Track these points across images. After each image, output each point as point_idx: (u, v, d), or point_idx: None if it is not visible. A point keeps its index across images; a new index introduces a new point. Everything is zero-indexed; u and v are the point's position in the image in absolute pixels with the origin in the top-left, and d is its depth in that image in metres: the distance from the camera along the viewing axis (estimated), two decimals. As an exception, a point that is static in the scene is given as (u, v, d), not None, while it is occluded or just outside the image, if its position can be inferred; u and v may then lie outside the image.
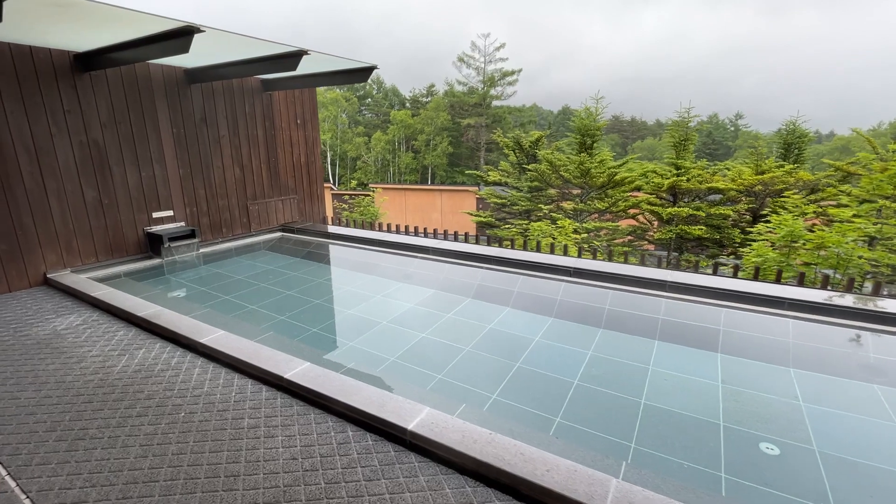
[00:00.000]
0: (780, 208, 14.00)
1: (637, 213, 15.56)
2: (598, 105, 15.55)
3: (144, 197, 5.78)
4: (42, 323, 3.94)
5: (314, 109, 8.05)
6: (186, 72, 6.03)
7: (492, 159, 54.84)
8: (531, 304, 4.78)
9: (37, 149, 4.78)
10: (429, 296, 5.17)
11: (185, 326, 3.57)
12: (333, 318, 4.64)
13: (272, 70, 5.30)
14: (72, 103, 5.01)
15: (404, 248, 6.27)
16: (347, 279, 5.82)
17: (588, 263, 5.04)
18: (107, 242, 5.48)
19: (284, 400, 2.70)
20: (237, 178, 6.90)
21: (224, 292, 5.21)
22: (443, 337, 4.17)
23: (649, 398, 3.22)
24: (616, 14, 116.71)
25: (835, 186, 14.46)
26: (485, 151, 55.98)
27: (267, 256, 6.75)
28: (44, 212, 4.90)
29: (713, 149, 65.39)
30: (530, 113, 65.80)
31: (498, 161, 57.59)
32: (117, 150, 5.44)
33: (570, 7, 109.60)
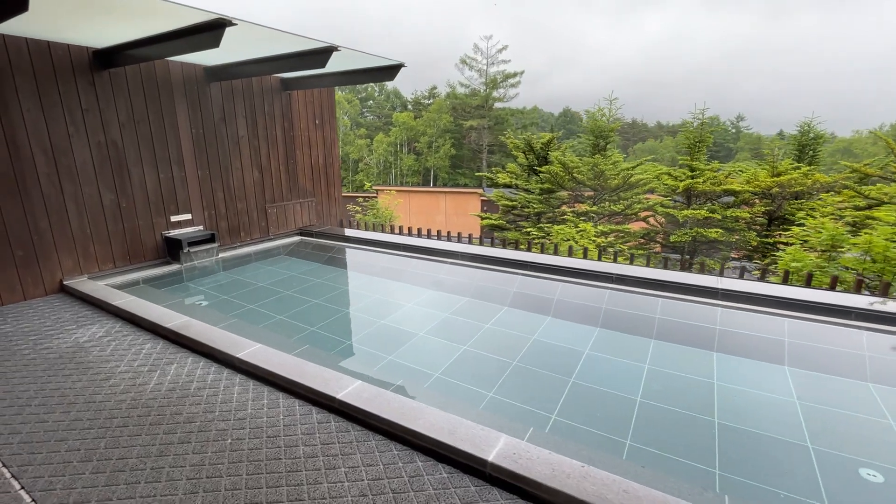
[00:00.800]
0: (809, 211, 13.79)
1: (648, 216, 15.35)
2: (611, 106, 15.35)
3: (163, 200, 5.55)
4: (63, 334, 3.70)
5: (332, 109, 7.83)
6: (206, 69, 5.80)
7: (494, 161, 54.69)
8: (574, 313, 4.54)
9: (54, 149, 4.55)
10: (462, 305, 4.93)
11: (219, 339, 3.33)
12: (366, 329, 4.40)
13: (299, 67, 5.08)
14: (90, 102, 4.78)
15: (429, 253, 6.04)
16: (374, 286, 5.58)
17: (632, 270, 4.80)
18: (124, 247, 5.24)
19: (339, 424, 2.46)
20: (256, 181, 6.67)
21: (248, 301, 4.97)
22: (485, 349, 3.93)
23: (723, 417, 2.98)
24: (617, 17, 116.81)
25: (852, 188, 14.24)
26: (487, 153, 55.85)
27: (287, 262, 6.51)
28: (60, 216, 4.67)
29: (714, 150, 65.26)
30: (532, 115, 65.69)
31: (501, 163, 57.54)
32: (136, 151, 5.21)
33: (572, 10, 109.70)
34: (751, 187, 14.53)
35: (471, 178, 55.04)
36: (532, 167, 17.06)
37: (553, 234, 9.80)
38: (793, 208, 14.38)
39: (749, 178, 14.73)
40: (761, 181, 14.17)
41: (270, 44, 4.67)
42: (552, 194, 15.95)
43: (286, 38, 4.34)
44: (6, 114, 4.21)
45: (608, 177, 14.24)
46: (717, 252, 15.07)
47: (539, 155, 17.00)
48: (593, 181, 14.45)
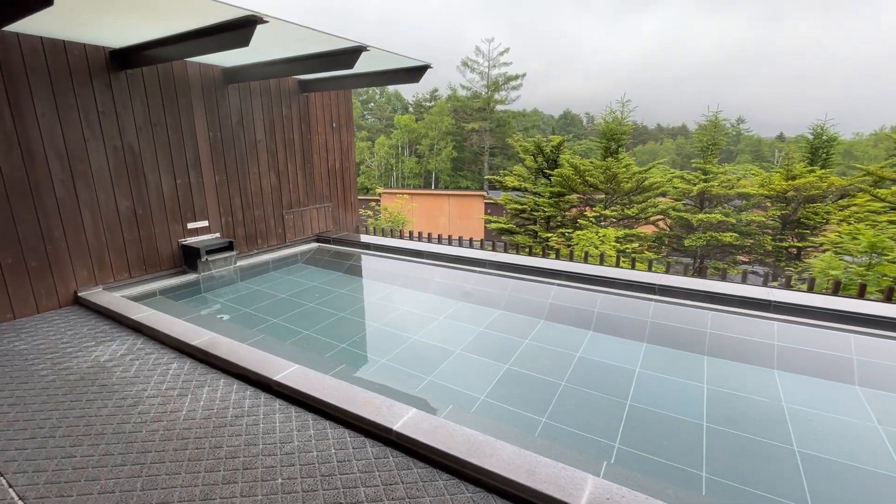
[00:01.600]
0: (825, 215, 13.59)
1: (659, 219, 15.15)
2: (623, 108, 15.17)
3: (179, 206, 5.32)
4: (81, 352, 3.46)
5: (349, 112, 7.61)
6: (224, 71, 5.59)
7: (496, 164, 54.54)
8: (617, 327, 4.32)
9: (69, 154, 4.33)
10: (496, 318, 4.70)
11: (251, 359, 3.09)
12: (399, 345, 4.16)
13: (324, 68, 4.85)
14: (106, 104, 4.55)
15: (453, 261, 5.81)
16: (400, 298, 5.34)
17: (676, 280, 4.58)
18: (140, 256, 5.01)
19: (399, 459, 2.23)
20: (273, 186, 6.44)
21: (271, 314, 4.74)
22: (529, 368, 3.71)
23: (803, 445, 2.76)
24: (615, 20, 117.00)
25: (868, 191, 14.06)
26: (489, 156, 55.75)
27: (307, 271, 6.28)
28: (75, 224, 4.44)
29: None
30: (534, 118, 65.58)
31: (502, 165, 57.40)
32: (152, 156, 4.98)
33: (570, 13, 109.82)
34: (765, 190, 14.34)
35: (472, 181, 54.89)
36: (541, 170, 16.85)
37: (575, 240, 9.57)
38: (808, 212, 14.20)
39: (763, 182, 14.55)
40: (776, 185, 13.98)
41: (296, 44, 4.46)
42: (562, 198, 15.75)
43: (315, 37, 4.12)
44: (20, 117, 3.98)
45: (621, 180, 14.03)
46: (727, 256, 14.87)
47: (549, 158, 16.79)
48: (606, 184, 14.25)
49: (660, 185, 14.36)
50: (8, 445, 2.37)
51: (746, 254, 15.25)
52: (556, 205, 15.61)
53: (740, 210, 14.94)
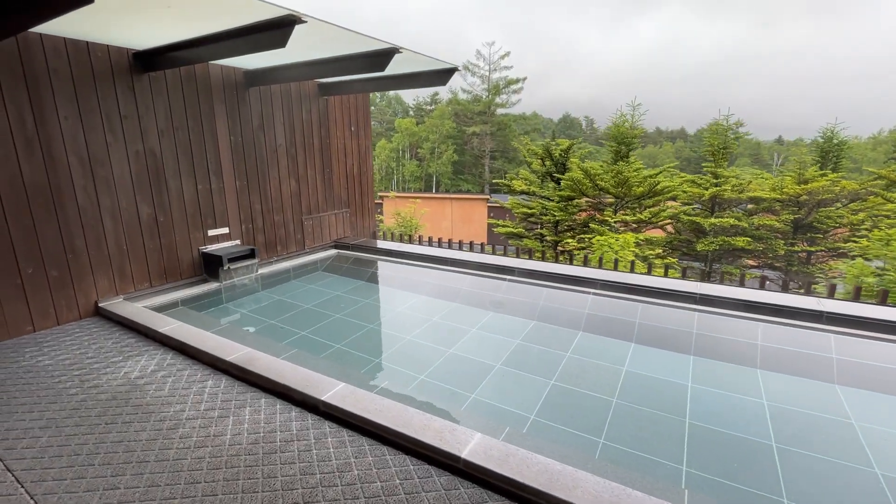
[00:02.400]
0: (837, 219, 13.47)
1: (667, 223, 15.02)
2: (634, 112, 15.06)
3: (200, 213, 5.15)
4: (109, 368, 3.29)
5: (367, 116, 7.47)
6: (246, 73, 5.44)
7: (497, 167, 54.52)
8: (661, 338, 4.16)
9: (91, 160, 4.17)
10: (532, 330, 4.54)
11: (294, 377, 2.93)
12: (435, 360, 3.99)
13: (354, 70, 4.70)
14: (129, 108, 4.40)
15: (479, 269, 5.65)
16: (428, 308, 5.17)
17: (716, 289, 4.42)
18: (160, 265, 4.84)
19: (471, 491, 2.06)
20: (293, 191, 6.28)
21: (299, 325, 4.57)
22: (576, 384, 3.55)
23: (886, 468, 2.60)
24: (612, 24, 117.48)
25: (881, 195, 13.97)
26: (489, 159, 55.74)
27: (328, 279, 6.11)
28: (97, 232, 4.27)
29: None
30: (535, 121, 65.62)
31: (503, 169, 57.31)
32: (174, 161, 4.83)
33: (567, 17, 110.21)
34: (776, 194, 14.24)
35: (473, 184, 54.83)
36: (550, 174, 16.73)
37: (595, 246, 9.41)
38: (821, 216, 14.09)
39: (775, 186, 14.44)
40: (789, 189, 13.87)
41: (327, 45, 4.31)
42: (570, 202, 15.63)
43: (348, 38, 3.97)
44: (43, 121, 3.82)
45: (632, 184, 13.91)
46: (736, 260, 14.76)
47: (557, 162, 16.67)
48: (617, 189, 14.12)
49: (671, 189, 14.24)
50: (45, 475, 2.20)
51: (755, 258, 15.13)
52: (564, 209, 15.49)
53: (750, 214, 14.83)
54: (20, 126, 3.70)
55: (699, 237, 14.35)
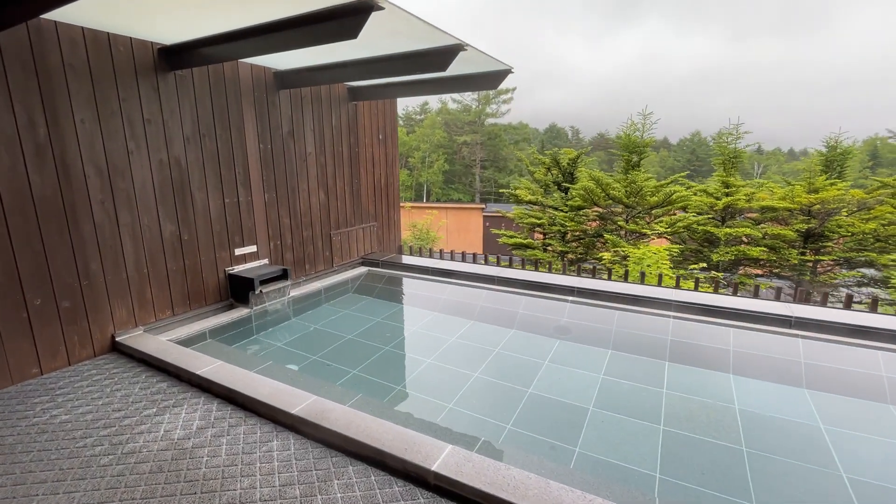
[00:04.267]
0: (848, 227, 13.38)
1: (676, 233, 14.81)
2: (645, 120, 14.88)
3: (227, 230, 4.57)
4: (144, 424, 2.69)
5: (395, 123, 6.98)
6: (276, 75, 4.90)
7: (487, 176, 54.52)
8: (767, 370, 3.71)
9: (110, 170, 3.57)
10: (612, 362, 4.06)
11: (386, 437, 2.38)
12: (516, 399, 3.48)
13: (406, 71, 4.20)
14: (153, 111, 3.82)
15: (532, 288, 5.16)
16: (489, 337, 4.64)
17: (812, 311, 4.01)
18: (184, 290, 4.23)
19: None
20: (322, 204, 5.73)
21: (347, 362, 4.01)
22: (680, 427, 3.08)
23: None
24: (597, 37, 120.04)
25: (890, 203, 13.99)
26: (480, 168, 55.76)
27: (362, 302, 5.54)
28: (115, 254, 3.66)
29: (697, 165, 66.74)
30: (525, 131, 65.98)
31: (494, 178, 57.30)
32: (200, 171, 4.25)
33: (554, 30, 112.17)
34: (787, 203, 14.16)
35: (464, 193, 54.63)
36: (558, 183, 16.43)
37: (633, 259, 9.01)
38: (833, 225, 14.04)
39: (786, 195, 14.37)
40: (800, 198, 13.79)
41: (385, 41, 3.81)
42: (579, 211, 15.35)
43: (415, 32, 3.48)
44: (56, 125, 3.23)
45: (646, 194, 13.66)
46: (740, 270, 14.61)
47: (565, 171, 16.40)
48: (630, 198, 13.86)
49: (684, 199, 14.04)
50: None
51: (761, 267, 14.99)
52: (573, 219, 15.18)
53: (757, 223, 14.72)
54: (30, 131, 3.10)
55: (712, 247, 14.16)
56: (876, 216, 14.12)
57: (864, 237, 14.08)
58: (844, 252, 14.28)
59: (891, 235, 14.05)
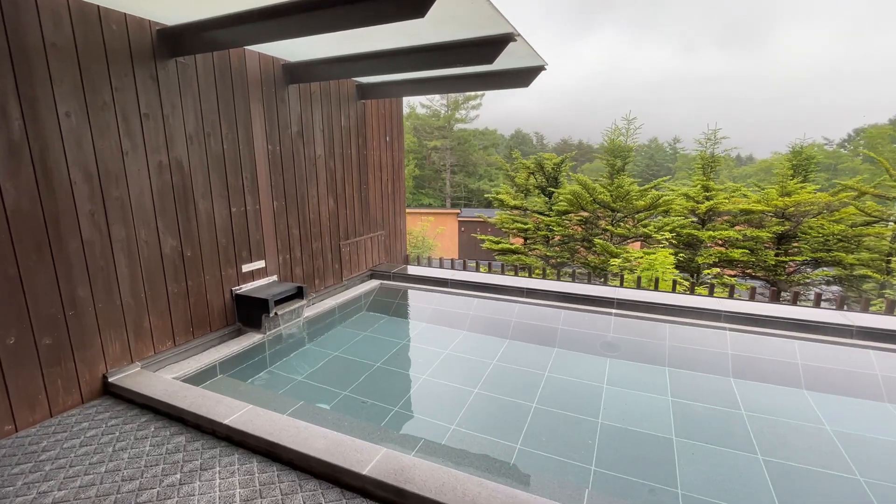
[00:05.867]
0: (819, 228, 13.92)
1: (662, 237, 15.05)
2: (629, 126, 15.02)
3: (234, 243, 3.96)
4: (171, 498, 2.10)
5: (401, 124, 6.50)
6: (285, 67, 4.34)
7: (457, 181, 54.56)
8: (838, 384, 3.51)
9: (101, 175, 2.93)
10: (675, 380, 3.75)
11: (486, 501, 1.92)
12: (585, 429, 3.10)
13: (444, 63, 3.75)
14: (151, 104, 3.21)
15: (571, 301, 4.82)
16: (519, 356, 4.25)
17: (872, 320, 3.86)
18: (187, 315, 3.60)
19: None
20: (331, 212, 5.17)
21: (382, 397, 3.51)
22: (778, 456, 2.79)
23: None
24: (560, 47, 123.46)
25: (856, 206, 14.69)
26: (450, 174, 55.81)
27: (381, 322, 5.01)
28: (107, 276, 3.01)
29: (655, 170, 69.59)
30: (493, 136, 66.57)
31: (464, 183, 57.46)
32: (204, 176, 3.64)
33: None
34: (763, 206, 14.64)
35: (434, 198, 54.36)
36: (542, 188, 16.35)
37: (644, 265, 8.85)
38: (805, 227, 14.62)
39: (761, 199, 14.86)
40: (776, 201, 14.28)
41: (429, 28, 3.36)
42: (565, 216, 15.34)
43: (478, 15, 3.05)
44: (34, 119, 2.59)
45: (632, 198, 13.75)
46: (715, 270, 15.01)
47: (550, 176, 16.33)
48: (617, 202, 13.91)
49: (669, 203, 14.24)
50: None
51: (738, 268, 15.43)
52: (560, 223, 15.13)
53: (732, 225, 15.16)
54: (2, 126, 2.45)
55: (694, 250, 14.42)
56: (842, 217, 14.78)
57: (829, 238, 14.71)
58: (814, 253, 14.87)
59: (855, 236, 14.71)
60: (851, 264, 14.50)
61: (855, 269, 14.16)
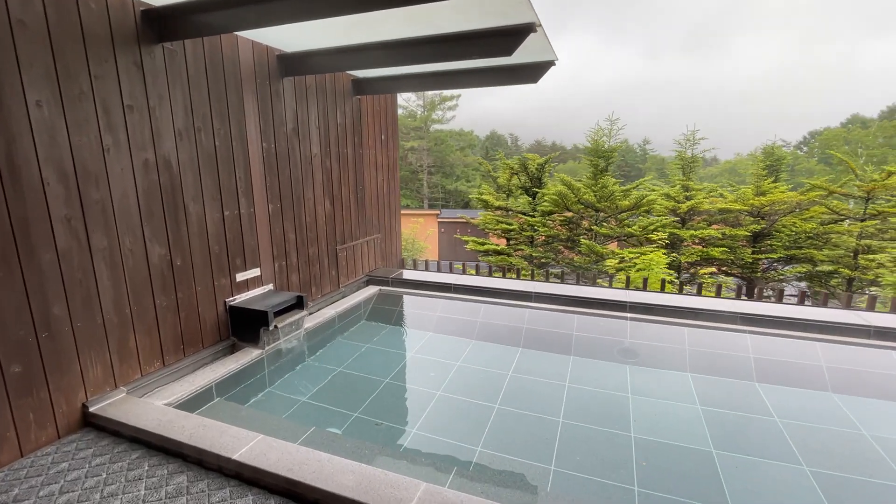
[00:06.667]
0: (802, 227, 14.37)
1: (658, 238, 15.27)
2: (612, 126, 15.13)
3: (227, 250, 3.60)
4: (178, 557, 1.77)
5: (395, 122, 6.21)
6: (280, 58, 4.00)
7: (434, 182, 54.43)
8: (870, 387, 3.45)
9: (79, 175, 2.55)
10: (696, 385, 3.62)
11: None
12: (630, 450, 2.92)
13: (463, 55, 3.50)
14: (136, 94, 2.83)
15: (576, 304, 4.65)
16: (533, 366, 4.06)
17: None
18: (177, 331, 3.22)
19: None
20: (327, 215, 4.84)
21: (401, 419, 3.25)
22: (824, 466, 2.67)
23: None
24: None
25: (825, 205, 15.23)
26: (427, 174, 55.62)
27: (384, 332, 4.72)
28: (87, 291, 2.63)
29: (627, 171, 71.34)
30: (469, 137, 66.70)
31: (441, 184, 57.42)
32: (195, 176, 3.27)
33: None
34: (740, 205, 15.03)
35: (412, 199, 53.99)
36: (526, 188, 16.30)
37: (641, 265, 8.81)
38: (779, 225, 15.10)
39: (737, 198, 15.25)
40: (752, 200, 14.68)
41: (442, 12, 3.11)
42: (549, 216, 15.35)
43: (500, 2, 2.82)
44: (0, 110, 2.20)
45: (616, 198, 13.85)
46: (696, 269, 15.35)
47: (533, 176, 16.30)
48: (602, 203, 13.98)
49: (651, 203, 14.41)
50: None
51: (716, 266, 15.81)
52: (545, 223, 15.12)
53: (709, 224, 15.52)
54: (-40, 114, 2.06)
55: (676, 249, 14.65)
56: (811, 216, 15.32)
57: (801, 236, 15.22)
58: (786, 250, 15.35)
59: (825, 233, 15.24)
60: (822, 261, 15.02)
61: (821, 265, 14.67)
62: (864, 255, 14.14)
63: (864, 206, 14.99)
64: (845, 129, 55.48)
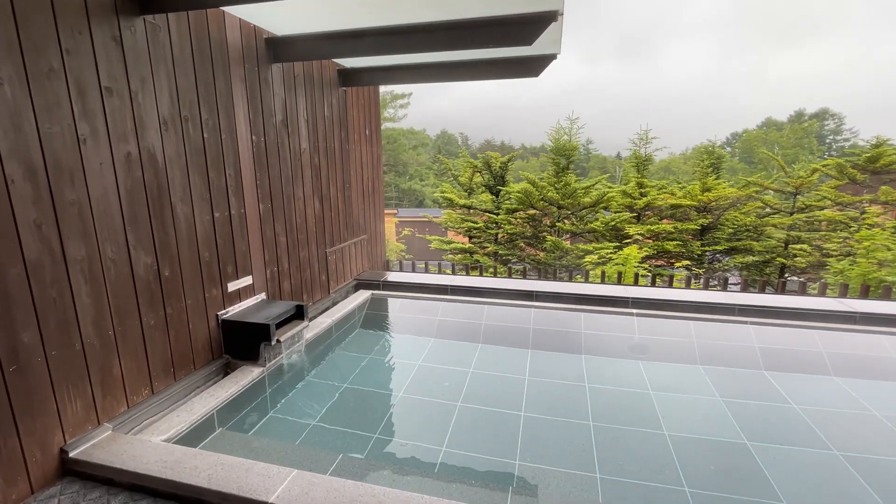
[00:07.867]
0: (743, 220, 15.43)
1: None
2: (572, 125, 15.49)
3: (218, 257, 3.16)
4: None
5: (378, 116, 5.89)
6: (268, 42, 3.60)
7: (387, 181, 53.77)
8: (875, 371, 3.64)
9: (49, 170, 2.09)
10: (716, 378, 3.67)
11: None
12: (668, 449, 2.86)
13: (478, 43, 3.27)
14: (115, 74, 2.38)
15: (582, 302, 4.61)
16: (547, 368, 3.95)
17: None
18: (166, 353, 2.77)
19: None
20: (317, 215, 4.46)
21: (425, 437, 2.99)
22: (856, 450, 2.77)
23: None
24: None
25: (763, 200, 16.50)
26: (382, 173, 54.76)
27: (384, 341, 4.42)
28: (62, 311, 2.16)
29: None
30: (421, 136, 66.42)
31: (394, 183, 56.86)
32: (182, 172, 2.84)
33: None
34: (689, 201, 15.96)
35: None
36: (490, 186, 16.34)
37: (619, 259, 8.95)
38: (724, 219, 16.22)
39: (686, 194, 16.19)
40: (700, 196, 15.64)
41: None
42: (514, 214, 15.51)
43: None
44: (-50, 83, 1.73)
45: (579, 195, 14.21)
46: None
47: (496, 174, 16.37)
48: (565, 200, 14.29)
49: (611, 200, 14.93)
50: None
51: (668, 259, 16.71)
52: (510, 221, 15.25)
53: (660, 219, 16.39)
54: None
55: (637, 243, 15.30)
56: (749, 210, 16.55)
57: (740, 229, 16.41)
58: (729, 242, 16.47)
59: (761, 226, 16.49)
60: (759, 251, 16.20)
61: (756, 255, 15.84)
62: (792, 244, 15.47)
63: (793, 200, 16.38)
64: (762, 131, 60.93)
